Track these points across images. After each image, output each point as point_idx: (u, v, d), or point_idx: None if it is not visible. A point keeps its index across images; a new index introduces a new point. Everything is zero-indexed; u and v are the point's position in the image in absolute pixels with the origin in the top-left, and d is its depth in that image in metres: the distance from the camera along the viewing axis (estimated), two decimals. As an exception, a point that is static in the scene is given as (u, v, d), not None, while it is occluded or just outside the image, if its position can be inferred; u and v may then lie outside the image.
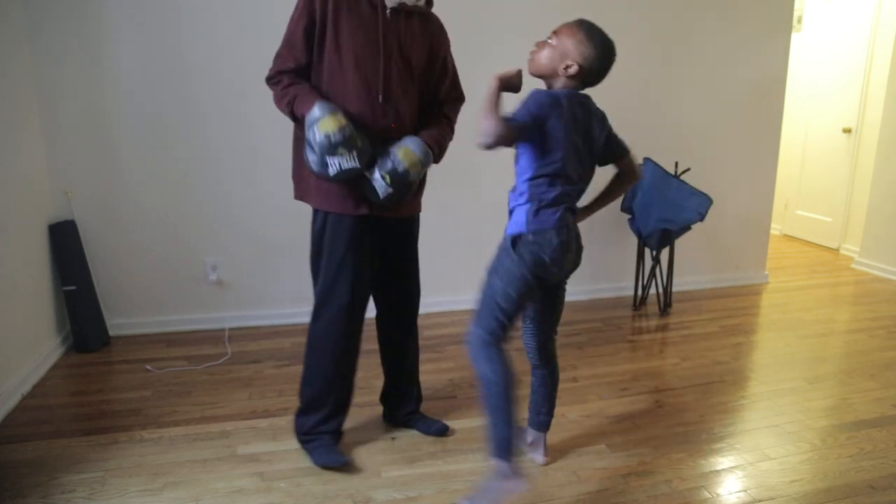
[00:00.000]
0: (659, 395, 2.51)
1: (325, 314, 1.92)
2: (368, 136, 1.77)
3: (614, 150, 1.83)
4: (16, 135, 2.61)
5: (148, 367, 2.72)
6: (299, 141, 1.88)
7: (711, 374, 2.70)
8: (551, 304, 1.90)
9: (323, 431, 2.02)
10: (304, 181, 1.91)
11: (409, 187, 1.81)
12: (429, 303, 3.48)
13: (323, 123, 1.66)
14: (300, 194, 1.96)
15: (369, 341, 2.01)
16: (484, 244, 3.58)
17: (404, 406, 2.24)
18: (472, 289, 3.57)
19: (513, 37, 3.27)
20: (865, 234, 4.31)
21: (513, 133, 1.59)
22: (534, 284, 1.70)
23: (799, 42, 4.84)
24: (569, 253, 1.73)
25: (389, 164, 1.76)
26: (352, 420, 2.26)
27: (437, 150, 1.90)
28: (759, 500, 1.85)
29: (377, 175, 1.76)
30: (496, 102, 1.59)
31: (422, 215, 2.09)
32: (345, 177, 1.72)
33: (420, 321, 2.03)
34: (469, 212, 3.43)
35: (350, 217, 1.85)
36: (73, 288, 2.85)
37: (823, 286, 4.00)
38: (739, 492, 1.89)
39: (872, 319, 3.38)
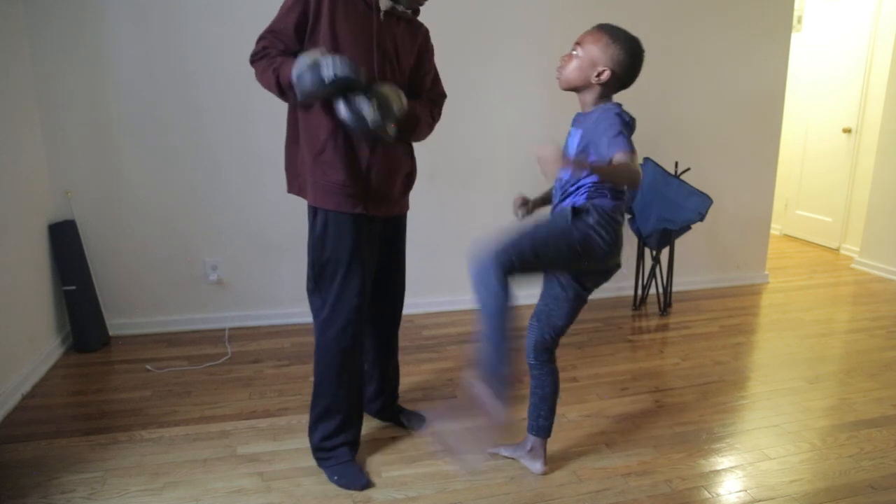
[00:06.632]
0: (659, 395, 2.51)
1: (338, 319, 1.87)
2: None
3: None
4: (16, 135, 2.61)
5: (148, 367, 2.72)
6: (293, 128, 1.85)
7: (711, 374, 2.70)
8: (570, 308, 1.84)
9: (340, 444, 1.96)
10: (301, 175, 1.87)
11: (392, 115, 1.70)
12: (429, 303, 3.50)
13: (308, 54, 1.63)
14: (295, 188, 1.91)
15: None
16: (484, 244, 3.60)
17: (393, 399, 2.27)
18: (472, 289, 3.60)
19: (512, 42, 3.29)
20: (865, 234, 4.31)
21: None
22: (572, 259, 1.65)
23: (799, 42, 4.83)
24: (619, 246, 1.71)
25: (374, 91, 1.69)
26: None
27: (414, 114, 1.86)
28: (759, 500, 1.85)
29: (362, 99, 1.66)
30: (605, 169, 1.55)
31: (420, 216, 2.10)
32: (340, 83, 1.61)
33: (420, 321, 2.03)
34: (468, 212, 3.43)
35: (349, 216, 1.83)
36: (73, 288, 2.85)
37: (823, 286, 4.00)
38: (739, 492, 1.90)
39: (872, 319, 3.38)
